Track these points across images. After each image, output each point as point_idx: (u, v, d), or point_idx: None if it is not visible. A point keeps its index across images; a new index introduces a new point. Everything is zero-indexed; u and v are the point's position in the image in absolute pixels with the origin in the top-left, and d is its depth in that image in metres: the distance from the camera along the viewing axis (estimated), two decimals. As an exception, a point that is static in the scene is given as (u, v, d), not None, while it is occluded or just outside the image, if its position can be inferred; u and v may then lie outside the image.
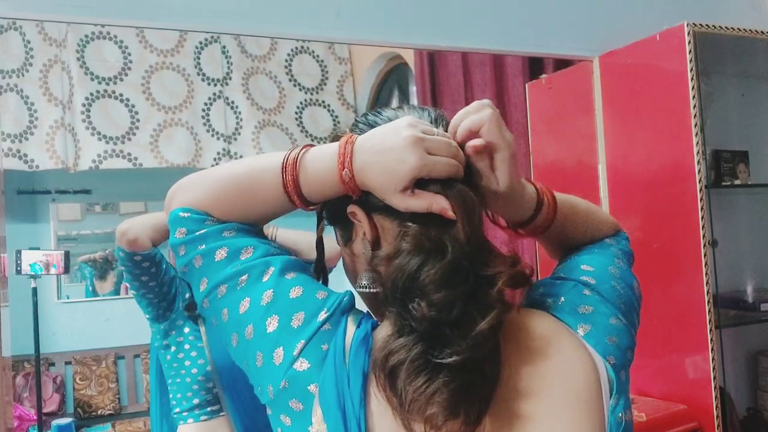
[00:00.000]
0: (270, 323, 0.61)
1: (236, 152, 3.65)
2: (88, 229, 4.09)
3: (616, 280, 0.72)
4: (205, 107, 3.68)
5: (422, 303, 0.57)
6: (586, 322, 0.66)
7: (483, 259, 0.61)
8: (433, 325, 0.57)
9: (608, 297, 0.69)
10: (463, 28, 1.94)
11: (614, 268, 0.74)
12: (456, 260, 0.59)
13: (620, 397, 0.64)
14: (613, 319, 0.67)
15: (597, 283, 0.71)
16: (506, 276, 0.60)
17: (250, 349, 0.62)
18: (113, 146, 3.43)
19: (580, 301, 0.68)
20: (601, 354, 0.64)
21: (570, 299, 0.68)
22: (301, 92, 3.89)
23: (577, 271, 0.73)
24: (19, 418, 3.35)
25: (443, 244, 0.59)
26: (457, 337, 0.57)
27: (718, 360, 1.82)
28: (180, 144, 3.56)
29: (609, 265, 0.74)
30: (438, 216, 0.61)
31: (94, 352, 3.86)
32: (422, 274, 0.58)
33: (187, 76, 3.64)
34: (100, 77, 3.52)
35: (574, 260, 0.75)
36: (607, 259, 0.75)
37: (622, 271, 0.74)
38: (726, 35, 1.95)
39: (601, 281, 0.71)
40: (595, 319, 0.66)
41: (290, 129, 3.80)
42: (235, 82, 3.73)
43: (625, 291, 0.72)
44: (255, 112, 3.75)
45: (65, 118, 3.47)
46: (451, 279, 0.58)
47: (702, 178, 1.82)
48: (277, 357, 0.60)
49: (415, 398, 0.55)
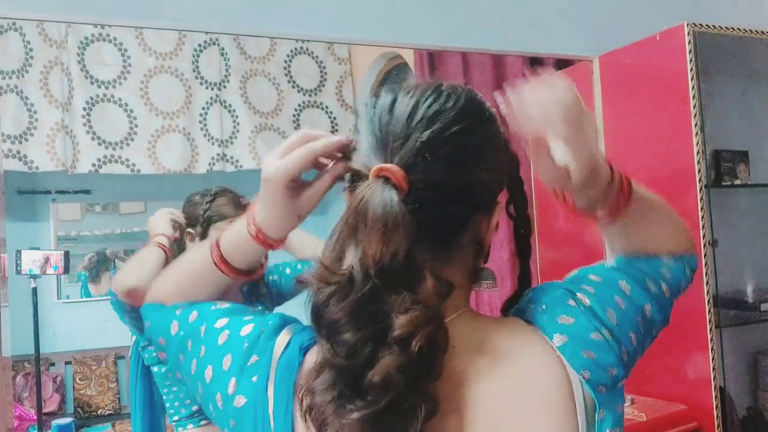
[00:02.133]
0: (207, 374, 0.65)
1: (231, 156, 3.65)
2: (87, 230, 4.08)
3: (621, 295, 0.68)
4: (202, 111, 3.68)
5: (333, 345, 0.55)
6: (563, 333, 0.63)
7: (395, 288, 0.55)
8: (340, 364, 0.55)
9: (597, 310, 0.65)
10: (463, 28, 1.94)
11: (626, 284, 0.69)
12: (362, 297, 0.54)
13: (605, 412, 0.61)
14: (595, 333, 0.63)
15: (593, 294, 0.66)
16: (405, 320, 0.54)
17: (204, 402, 0.67)
18: (112, 151, 3.43)
19: (561, 311, 0.64)
20: (575, 368, 0.61)
21: (552, 307, 0.65)
22: (299, 94, 3.88)
23: (581, 279, 0.69)
24: (19, 417, 3.35)
25: (352, 276, 0.55)
26: (361, 388, 0.54)
27: (718, 360, 1.82)
28: (177, 151, 3.56)
29: (620, 279, 0.69)
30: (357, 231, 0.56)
31: (94, 352, 3.86)
32: (328, 311, 0.55)
33: (185, 81, 3.64)
34: (99, 80, 3.52)
35: (584, 270, 0.72)
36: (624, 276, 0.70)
37: (637, 292, 0.69)
38: (726, 35, 1.95)
39: (599, 293, 0.67)
40: (574, 332, 0.63)
41: (288, 133, 3.79)
42: (233, 85, 3.72)
43: (628, 309, 0.67)
44: (252, 116, 3.74)
45: (65, 120, 3.47)
46: (357, 318, 0.54)
47: (702, 178, 1.82)
48: (218, 401, 0.64)
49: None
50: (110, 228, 4.05)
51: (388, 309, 0.55)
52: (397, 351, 0.54)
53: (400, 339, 0.54)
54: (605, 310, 0.65)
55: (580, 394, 0.61)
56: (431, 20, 1.90)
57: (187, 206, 1.53)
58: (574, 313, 0.64)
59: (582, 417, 0.61)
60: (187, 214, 1.52)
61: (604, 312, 0.65)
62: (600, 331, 0.64)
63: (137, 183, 3.61)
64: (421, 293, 0.56)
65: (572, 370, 0.61)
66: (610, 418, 0.61)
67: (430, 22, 1.90)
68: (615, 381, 0.64)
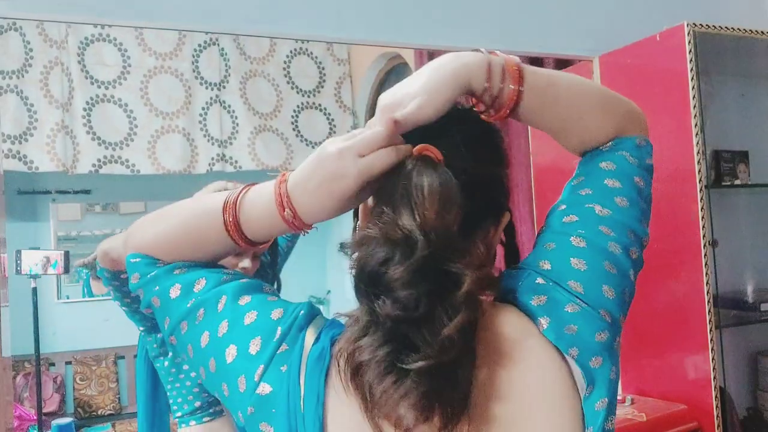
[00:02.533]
0: (229, 353, 0.62)
1: (230, 157, 3.65)
2: (87, 230, 4.09)
3: (577, 254, 0.65)
4: (202, 111, 3.69)
5: (387, 300, 0.55)
6: (543, 315, 0.63)
7: (452, 254, 0.57)
8: (398, 323, 0.55)
9: (561, 281, 0.64)
10: (463, 28, 1.94)
11: (577, 239, 0.66)
12: (425, 258, 0.55)
13: (594, 386, 0.62)
14: (569, 305, 0.63)
15: (552, 268, 0.65)
16: (472, 279, 0.56)
17: (216, 380, 0.63)
18: (112, 152, 3.44)
19: (534, 292, 0.64)
20: (562, 348, 0.62)
21: (526, 290, 0.65)
22: (298, 95, 3.88)
23: (537, 252, 0.68)
24: (19, 418, 3.35)
25: (413, 239, 0.56)
26: (423, 340, 0.55)
27: (718, 360, 1.82)
28: (176, 151, 3.57)
29: (572, 235, 0.66)
30: (412, 201, 0.57)
31: (94, 352, 3.86)
32: (389, 270, 0.55)
33: (185, 81, 3.65)
34: (99, 81, 3.53)
35: (538, 238, 0.70)
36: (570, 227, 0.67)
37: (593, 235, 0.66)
38: (726, 35, 1.95)
39: (556, 263, 0.66)
40: (551, 310, 0.63)
41: (286, 134, 3.79)
42: (233, 86, 3.73)
43: (591, 264, 0.65)
44: (251, 117, 3.75)
45: (65, 120, 3.48)
46: (418, 277, 0.55)
47: (702, 178, 1.82)
48: (240, 385, 0.61)
49: (383, 400, 0.55)
50: (110, 228, 4.06)
51: (448, 269, 0.56)
52: (467, 307, 0.55)
53: (468, 295, 0.56)
54: (567, 282, 0.64)
55: (578, 372, 0.62)
56: (431, 20, 1.91)
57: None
58: (544, 289, 0.64)
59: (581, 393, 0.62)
60: None
61: (567, 285, 0.64)
62: (574, 302, 0.63)
63: (137, 183, 3.62)
64: (477, 258, 0.58)
65: (563, 351, 0.62)
66: (598, 389, 0.62)
67: (430, 22, 1.90)
68: (608, 345, 0.63)
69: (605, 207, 0.68)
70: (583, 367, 0.62)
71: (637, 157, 0.71)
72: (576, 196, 0.70)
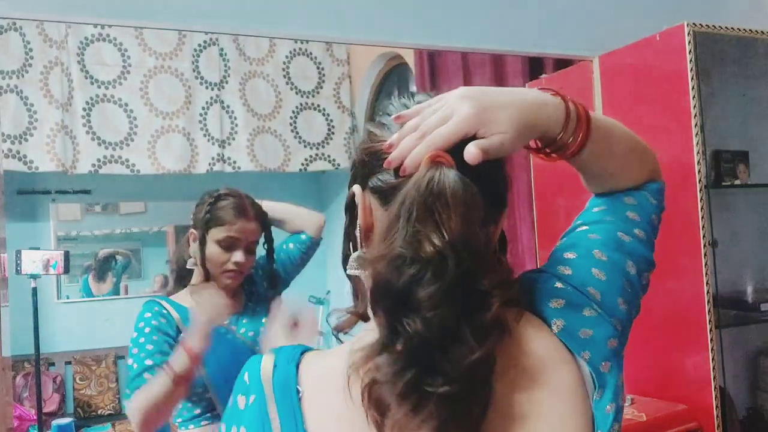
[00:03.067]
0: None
1: (229, 157, 3.65)
2: (87, 230, 4.09)
3: (599, 266, 0.68)
4: (202, 111, 3.69)
5: (416, 320, 0.54)
6: (558, 317, 0.64)
7: (481, 270, 0.56)
8: (422, 343, 0.54)
9: (581, 286, 0.66)
10: (463, 28, 1.94)
11: (601, 252, 0.68)
12: (458, 277, 0.54)
13: (604, 390, 0.62)
14: (587, 310, 0.64)
15: (573, 273, 0.67)
16: (500, 301, 0.55)
17: None
18: (112, 151, 3.44)
19: (552, 295, 0.65)
20: (575, 351, 0.62)
21: (543, 293, 0.66)
22: (297, 96, 3.88)
23: (556, 259, 0.70)
24: (19, 418, 3.35)
25: (444, 257, 0.54)
26: (448, 363, 0.54)
27: (718, 360, 1.82)
28: (176, 151, 3.56)
29: (594, 248, 0.69)
30: (435, 214, 0.55)
31: (94, 352, 3.86)
32: (419, 289, 0.54)
33: (185, 81, 3.64)
34: (99, 81, 3.52)
35: (557, 248, 0.72)
36: (598, 244, 0.70)
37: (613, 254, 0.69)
38: (726, 35, 1.95)
39: (577, 270, 0.67)
40: (568, 313, 0.64)
41: (284, 135, 3.78)
42: (232, 87, 3.72)
43: (609, 278, 0.67)
44: (250, 119, 3.75)
45: (65, 120, 3.47)
46: (449, 298, 0.54)
47: (702, 178, 1.82)
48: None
49: (401, 422, 0.54)
50: (110, 228, 4.06)
51: (478, 288, 0.55)
52: (497, 330, 0.55)
53: (496, 319, 0.55)
54: (587, 288, 0.66)
55: (588, 376, 0.62)
56: (431, 20, 1.91)
57: (197, 206, 1.54)
58: (563, 293, 0.65)
59: (590, 398, 0.62)
60: (194, 214, 1.53)
61: (586, 290, 0.66)
62: (591, 308, 0.65)
63: (137, 183, 3.62)
64: (501, 273, 0.58)
65: (575, 354, 0.63)
66: (608, 393, 0.62)
67: (430, 22, 1.90)
68: (617, 352, 0.65)
69: (626, 234, 0.71)
70: (595, 369, 0.62)
71: (657, 199, 0.77)
72: (599, 219, 0.73)
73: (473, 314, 0.55)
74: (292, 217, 1.66)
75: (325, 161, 3.76)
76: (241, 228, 1.48)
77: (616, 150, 0.72)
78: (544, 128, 0.63)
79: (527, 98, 0.63)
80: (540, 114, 0.62)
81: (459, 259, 0.54)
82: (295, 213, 1.67)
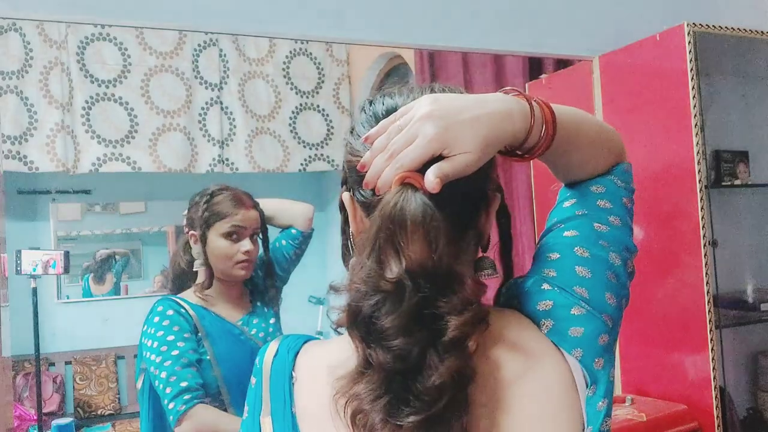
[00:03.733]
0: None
1: (227, 158, 3.65)
2: (88, 230, 4.09)
3: (582, 263, 0.68)
4: (202, 111, 3.69)
5: (379, 350, 0.55)
6: (547, 318, 0.65)
7: (442, 293, 0.56)
8: (391, 371, 0.55)
9: (567, 287, 0.66)
10: (463, 28, 1.94)
11: (581, 249, 0.68)
12: (416, 305, 0.55)
13: (597, 386, 0.63)
14: (575, 308, 0.65)
15: (557, 275, 0.67)
16: (456, 324, 0.55)
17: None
18: (112, 149, 3.43)
19: (539, 297, 0.66)
20: (566, 350, 0.63)
21: (531, 296, 0.67)
22: (296, 96, 3.88)
23: (540, 262, 0.70)
24: (19, 417, 3.35)
25: (401, 286, 0.55)
26: (414, 392, 0.55)
27: (718, 360, 1.82)
28: (177, 149, 3.57)
29: (575, 245, 0.69)
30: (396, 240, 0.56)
31: (94, 352, 3.86)
32: (381, 318, 0.55)
33: (185, 80, 3.65)
34: (99, 80, 3.52)
35: (539, 250, 0.72)
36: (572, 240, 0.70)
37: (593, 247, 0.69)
38: (726, 35, 1.95)
39: (561, 271, 0.68)
40: (556, 314, 0.65)
41: (283, 136, 3.78)
42: (232, 88, 3.73)
43: (594, 272, 0.67)
44: (249, 120, 3.75)
45: (65, 120, 3.48)
46: (411, 325, 0.55)
47: (702, 178, 1.82)
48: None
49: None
50: (110, 228, 4.06)
51: (437, 312, 0.55)
52: (455, 353, 0.55)
53: (455, 341, 0.55)
54: (572, 288, 0.66)
55: (579, 373, 0.63)
56: (431, 20, 1.91)
57: (189, 208, 1.55)
58: (551, 295, 0.66)
59: (582, 396, 0.63)
60: (189, 216, 1.54)
61: (572, 289, 0.66)
62: (580, 306, 0.65)
63: (137, 183, 3.61)
64: (465, 293, 0.57)
65: (566, 353, 0.63)
66: (600, 389, 0.63)
67: (430, 22, 1.90)
68: (608, 348, 0.66)
69: (602, 224, 0.71)
70: (587, 367, 0.63)
71: (624, 180, 0.75)
72: (572, 215, 0.72)
73: (437, 338, 0.55)
74: (280, 213, 1.68)
75: (325, 162, 3.76)
76: (243, 217, 1.51)
77: (583, 142, 0.72)
78: (510, 140, 0.63)
79: (492, 111, 0.61)
80: (506, 127, 0.61)
81: (417, 287, 0.55)
82: (282, 208, 1.69)
